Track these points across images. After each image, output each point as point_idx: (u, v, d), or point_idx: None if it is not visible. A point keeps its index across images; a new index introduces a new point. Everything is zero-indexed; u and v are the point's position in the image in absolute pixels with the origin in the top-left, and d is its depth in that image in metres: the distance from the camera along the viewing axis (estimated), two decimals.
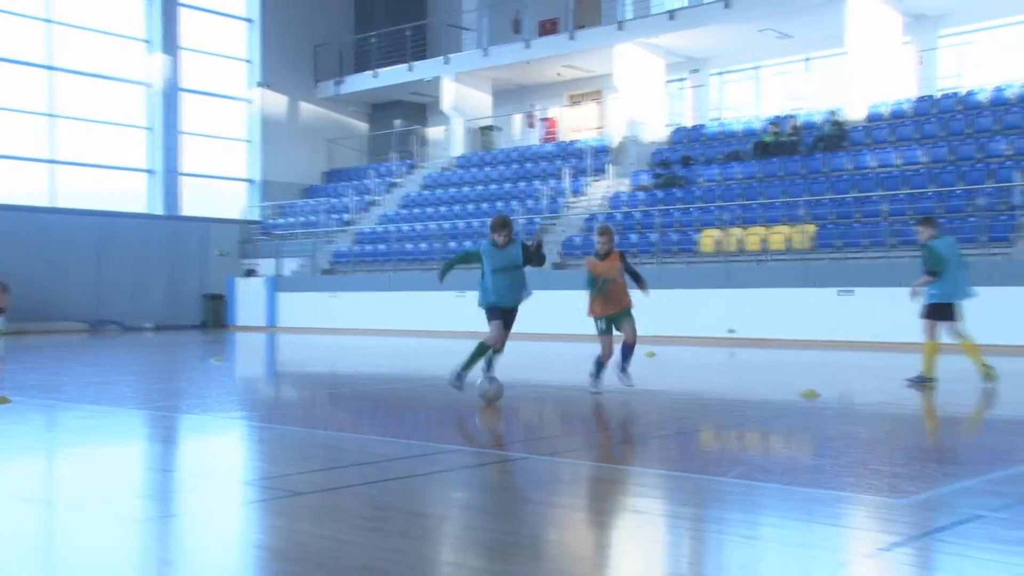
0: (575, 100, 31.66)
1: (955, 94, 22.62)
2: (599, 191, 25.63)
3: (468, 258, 9.65)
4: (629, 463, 6.62)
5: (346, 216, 29.81)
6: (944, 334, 10.49)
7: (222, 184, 31.72)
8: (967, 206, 18.58)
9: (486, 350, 9.13)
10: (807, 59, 27.01)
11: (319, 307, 26.11)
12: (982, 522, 4.62)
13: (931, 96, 23.09)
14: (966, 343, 10.52)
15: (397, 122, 34.09)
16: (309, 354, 18.06)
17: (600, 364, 9.71)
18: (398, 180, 31.09)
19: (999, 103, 21.30)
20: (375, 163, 33.30)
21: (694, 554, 4.32)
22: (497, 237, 9.12)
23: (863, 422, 8.45)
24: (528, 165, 28.29)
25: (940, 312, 10.44)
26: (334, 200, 31.22)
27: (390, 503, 5.10)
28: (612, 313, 9.62)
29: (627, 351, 9.67)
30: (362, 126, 35.21)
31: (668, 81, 28.35)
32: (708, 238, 21.17)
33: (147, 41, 29.43)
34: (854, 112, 23.41)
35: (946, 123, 21.51)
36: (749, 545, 4.26)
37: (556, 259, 22.26)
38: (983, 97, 21.80)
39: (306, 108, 33.50)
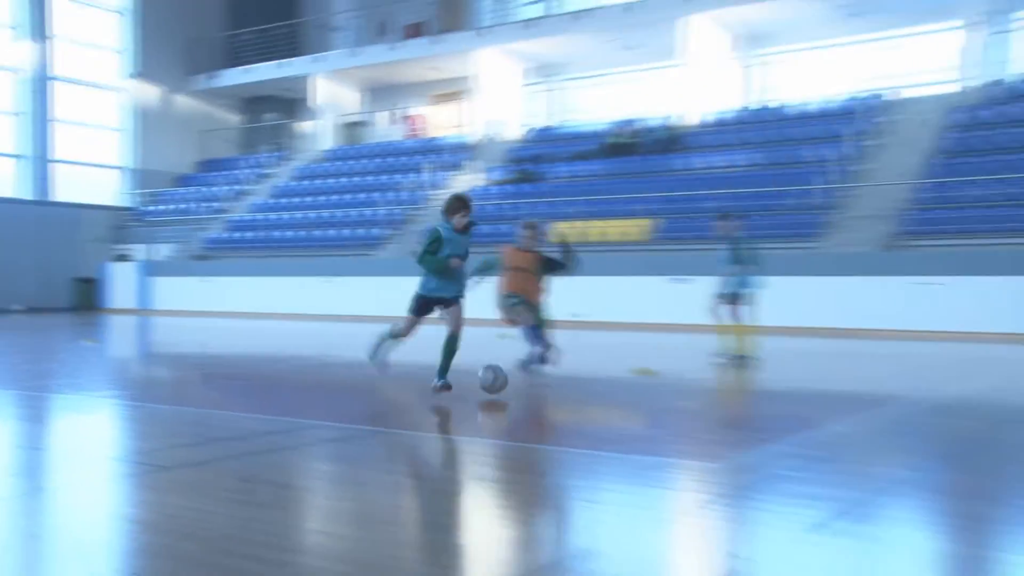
0: (439, 100, 31.59)
1: (769, 107, 23.59)
2: (459, 185, 25.67)
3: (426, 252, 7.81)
4: (482, 436, 6.70)
5: (217, 204, 29.02)
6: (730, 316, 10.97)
7: (95, 171, 30.39)
8: (779, 205, 19.39)
9: (397, 336, 8.28)
10: (648, 69, 27.65)
11: (191, 291, 25.36)
12: (782, 480, 4.89)
13: (752, 107, 24.00)
14: (740, 328, 10.98)
15: (269, 116, 33.37)
16: (180, 336, 17.55)
17: (541, 346, 9.01)
18: (269, 171, 30.43)
19: (806, 116, 22.32)
20: (247, 155, 32.53)
21: (541, 517, 4.44)
22: (457, 219, 7.76)
23: (690, 396, 8.77)
24: (392, 160, 28.11)
25: (737, 298, 10.97)
26: (206, 189, 30.35)
27: (255, 475, 5.04)
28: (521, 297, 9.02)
29: (535, 336, 8.98)
30: (234, 119, 34.29)
31: (524, 84, 28.67)
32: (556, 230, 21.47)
33: (15, 28, 27.90)
34: (687, 118, 24.12)
35: (763, 131, 22.40)
36: (590, 508, 4.40)
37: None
38: (793, 110, 22.82)
39: (179, 100, 32.39)
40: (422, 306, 7.97)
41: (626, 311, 18.97)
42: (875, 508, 4.36)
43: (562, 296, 19.74)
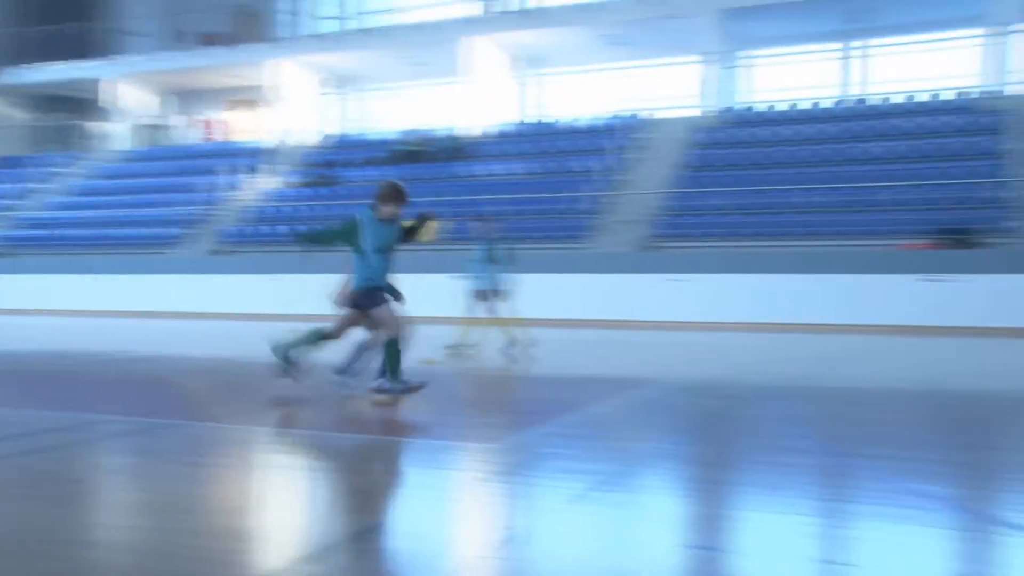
0: (237, 105, 30.40)
1: (545, 122, 24.25)
2: (255, 188, 24.85)
3: (333, 236, 7.06)
4: (277, 426, 6.49)
5: (6, 202, 26.66)
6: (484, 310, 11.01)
7: None
8: (551, 210, 19.97)
9: (394, 343, 6.91)
10: (435, 84, 27.77)
11: None
12: (551, 457, 5.02)
13: (528, 122, 24.60)
14: (498, 321, 11.03)
15: (60, 115, 30.98)
16: None
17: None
18: (61, 170, 28.25)
19: (575, 130, 23.10)
20: (37, 153, 30.06)
21: (332, 498, 4.34)
22: (387, 209, 6.86)
23: (469, 384, 8.86)
24: (189, 162, 26.79)
25: (492, 295, 11.01)
26: None
27: (42, 472, 4.66)
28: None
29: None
30: (23, 116, 31.60)
31: (320, 94, 28.10)
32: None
33: None
34: (470, 130, 24.39)
35: (538, 143, 23.00)
36: (377, 489, 4.34)
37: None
38: (563, 125, 23.56)
39: None
40: (366, 300, 6.84)
41: (416, 305, 18.90)
42: (631, 478, 4.55)
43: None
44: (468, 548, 3.52)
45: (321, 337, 7.22)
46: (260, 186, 24.65)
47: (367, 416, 6.81)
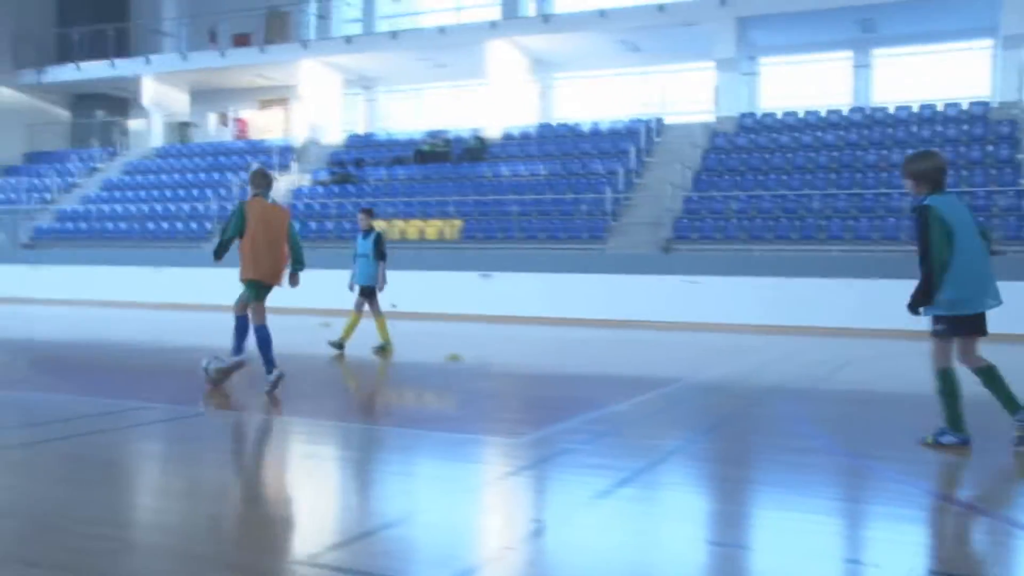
0: (265, 104, 30.53)
1: (566, 124, 24.21)
2: (284, 185, 24.96)
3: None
4: (305, 416, 6.51)
5: (48, 196, 26.93)
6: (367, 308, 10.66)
7: None
8: (574, 211, 19.93)
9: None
10: (458, 85, 27.82)
11: (19, 278, 23.43)
12: (574, 453, 5.02)
13: (550, 124, 24.57)
14: (378, 318, 10.70)
15: (99, 113, 31.23)
16: (7, 322, 16.17)
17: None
18: (99, 166, 28.48)
19: (596, 133, 23.04)
20: (77, 148, 30.33)
21: (363, 488, 4.36)
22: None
23: (493, 379, 8.87)
24: (221, 159, 26.95)
25: (371, 290, 10.61)
26: (35, 180, 28.07)
27: (83, 455, 4.71)
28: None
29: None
30: (65, 114, 31.88)
31: (345, 94, 28.18)
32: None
33: None
34: (493, 131, 24.40)
35: (560, 145, 22.97)
36: (404, 481, 4.36)
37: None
38: (586, 128, 23.49)
39: (6, 92, 29.81)
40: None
41: (439, 303, 18.94)
42: (654, 475, 4.55)
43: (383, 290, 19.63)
44: (495, 539, 3.53)
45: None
46: (289, 184, 24.77)
47: (393, 408, 6.83)
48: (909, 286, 5.32)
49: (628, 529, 3.61)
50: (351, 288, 10.79)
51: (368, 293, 10.67)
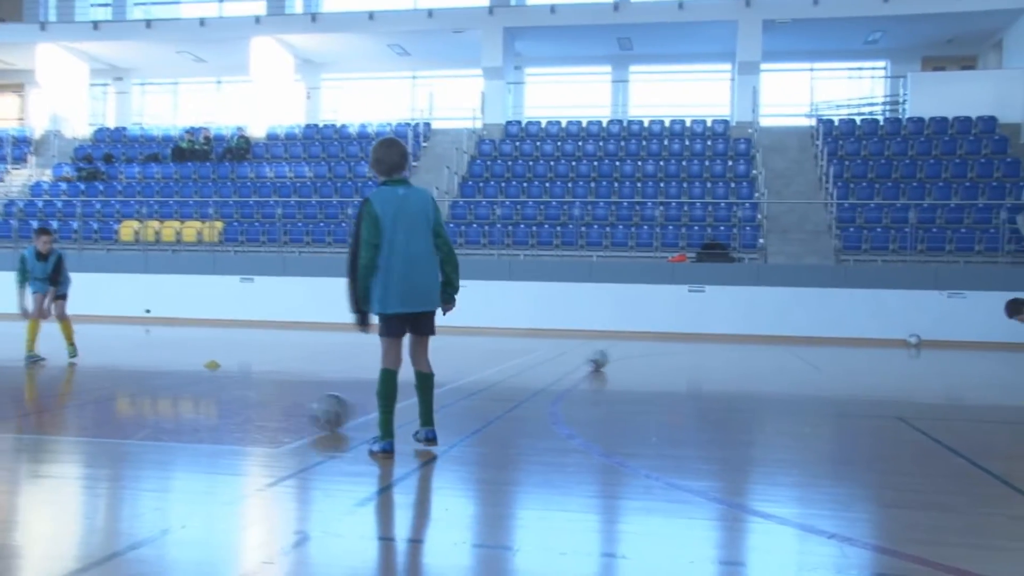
0: None
1: (332, 125, 23.87)
2: (19, 179, 22.80)
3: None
4: (44, 432, 5.96)
5: None
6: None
7: None
8: (339, 214, 19.66)
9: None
10: (219, 81, 26.65)
11: None
12: (335, 461, 4.94)
13: (316, 124, 24.11)
14: (65, 323, 10.18)
15: None
16: None
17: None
18: None
19: (364, 136, 22.91)
20: None
21: (110, 510, 4.04)
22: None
23: (254, 387, 8.55)
24: None
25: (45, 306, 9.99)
26: None
27: None
28: None
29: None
30: None
31: (92, 84, 26.15)
32: (127, 228, 19.92)
33: None
34: (257, 130, 23.59)
35: (326, 147, 22.59)
36: (159, 497, 4.09)
37: None
38: (353, 130, 23.29)
39: None
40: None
41: (197, 308, 18.06)
42: (417, 481, 4.55)
43: (135, 294, 18.44)
44: (254, 554, 3.39)
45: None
46: (25, 178, 22.66)
47: (145, 420, 6.40)
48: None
49: (390, 536, 3.59)
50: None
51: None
